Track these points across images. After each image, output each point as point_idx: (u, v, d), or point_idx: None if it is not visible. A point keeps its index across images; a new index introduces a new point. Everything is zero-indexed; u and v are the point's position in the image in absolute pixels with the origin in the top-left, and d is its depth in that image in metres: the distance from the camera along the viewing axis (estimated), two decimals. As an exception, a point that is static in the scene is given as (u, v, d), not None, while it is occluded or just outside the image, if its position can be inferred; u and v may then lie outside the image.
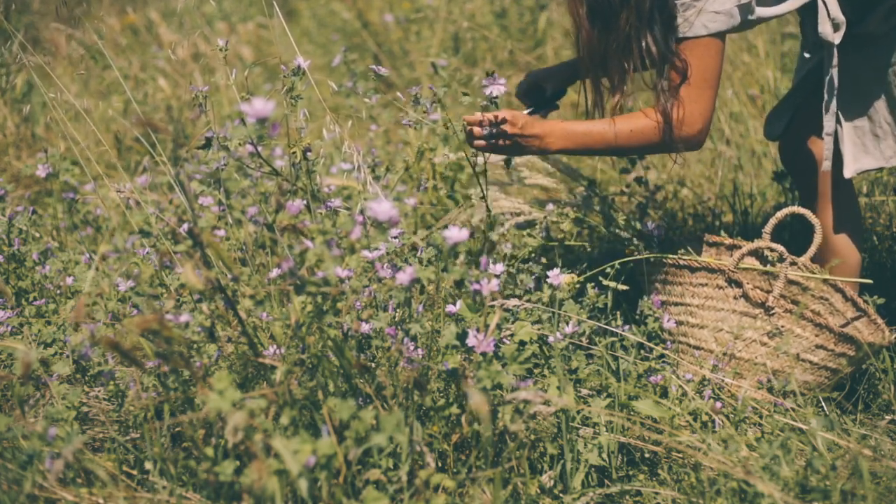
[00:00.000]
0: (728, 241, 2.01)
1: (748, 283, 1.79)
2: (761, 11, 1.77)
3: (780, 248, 1.79)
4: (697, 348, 1.86)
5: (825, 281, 1.88)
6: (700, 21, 1.72)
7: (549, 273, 1.71)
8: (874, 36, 1.86)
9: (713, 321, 1.83)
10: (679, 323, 1.88)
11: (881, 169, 1.96)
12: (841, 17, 1.78)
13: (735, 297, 1.81)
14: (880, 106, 1.87)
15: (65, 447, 1.17)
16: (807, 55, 2.01)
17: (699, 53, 1.74)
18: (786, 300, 1.83)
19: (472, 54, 4.33)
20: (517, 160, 2.31)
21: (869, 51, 1.87)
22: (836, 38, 1.79)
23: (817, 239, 1.88)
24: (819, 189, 2.01)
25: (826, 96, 1.85)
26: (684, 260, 1.86)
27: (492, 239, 2.05)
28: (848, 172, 1.91)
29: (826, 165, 1.89)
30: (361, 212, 1.83)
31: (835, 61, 1.82)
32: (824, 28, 1.79)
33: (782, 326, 1.77)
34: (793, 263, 1.90)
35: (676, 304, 1.89)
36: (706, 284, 1.84)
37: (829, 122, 1.87)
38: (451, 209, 2.64)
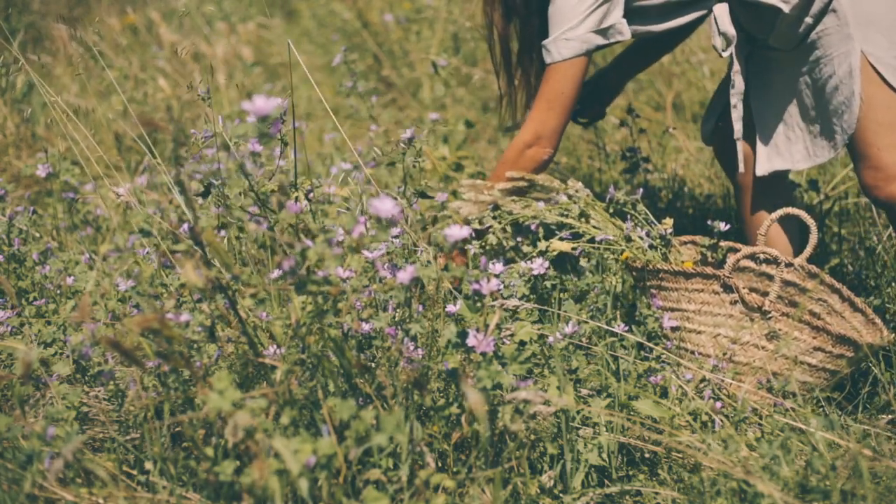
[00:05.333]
0: (725, 244, 2.01)
1: (744, 288, 1.79)
2: (638, 28, 1.95)
3: (775, 251, 1.79)
4: (695, 353, 1.85)
5: (822, 281, 1.88)
6: (556, 48, 1.90)
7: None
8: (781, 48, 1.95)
9: (710, 326, 1.83)
10: (676, 328, 1.87)
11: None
12: (731, 32, 1.88)
13: (731, 303, 1.80)
14: (793, 111, 1.96)
15: (64, 447, 1.17)
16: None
17: (549, 77, 1.92)
18: (782, 302, 1.82)
19: (472, 54, 4.33)
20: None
21: (779, 61, 1.96)
22: (726, 53, 1.90)
23: (813, 239, 1.88)
24: (752, 186, 2.11)
25: (732, 100, 1.97)
26: (678, 266, 1.85)
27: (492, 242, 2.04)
28: (760, 171, 2.02)
29: (741, 168, 2.01)
30: (362, 212, 1.83)
31: (736, 67, 1.93)
32: (715, 41, 1.91)
33: (779, 330, 1.77)
34: (789, 265, 1.89)
35: (673, 309, 1.88)
36: (702, 290, 1.83)
37: (736, 126, 1.98)
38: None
